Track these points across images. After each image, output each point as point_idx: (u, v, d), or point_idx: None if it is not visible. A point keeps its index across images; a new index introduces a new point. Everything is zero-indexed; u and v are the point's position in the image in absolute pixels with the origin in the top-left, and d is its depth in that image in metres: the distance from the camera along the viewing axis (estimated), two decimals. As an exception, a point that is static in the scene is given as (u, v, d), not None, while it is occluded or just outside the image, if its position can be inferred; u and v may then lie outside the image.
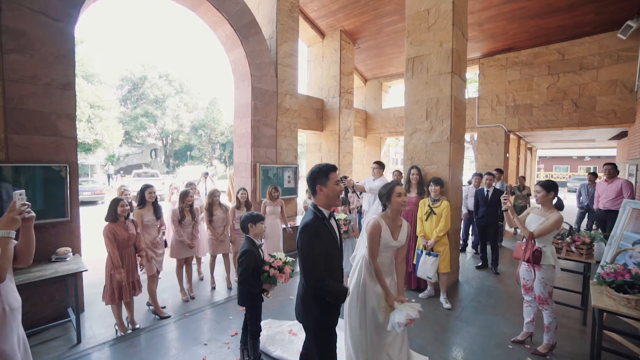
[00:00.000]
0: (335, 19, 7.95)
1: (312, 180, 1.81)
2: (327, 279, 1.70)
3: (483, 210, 5.21)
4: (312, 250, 1.68)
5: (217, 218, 4.25)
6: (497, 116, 8.07)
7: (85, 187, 13.57)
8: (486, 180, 5.23)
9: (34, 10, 3.23)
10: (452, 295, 4.07)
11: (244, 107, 5.79)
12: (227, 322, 3.38)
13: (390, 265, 2.33)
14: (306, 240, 1.70)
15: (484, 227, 5.27)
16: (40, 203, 3.30)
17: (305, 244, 1.69)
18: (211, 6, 4.97)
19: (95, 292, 3.88)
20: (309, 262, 1.69)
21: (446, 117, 4.22)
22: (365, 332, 2.20)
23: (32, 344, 3.01)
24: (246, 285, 2.37)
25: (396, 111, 10.25)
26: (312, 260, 1.68)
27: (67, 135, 3.45)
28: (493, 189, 5.21)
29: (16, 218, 1.51)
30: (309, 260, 1.68)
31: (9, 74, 3.11)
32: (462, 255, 5.88)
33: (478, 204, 5.33)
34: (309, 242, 1.69)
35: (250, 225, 2.55)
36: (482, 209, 5.24)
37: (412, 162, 4.52)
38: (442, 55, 4.21)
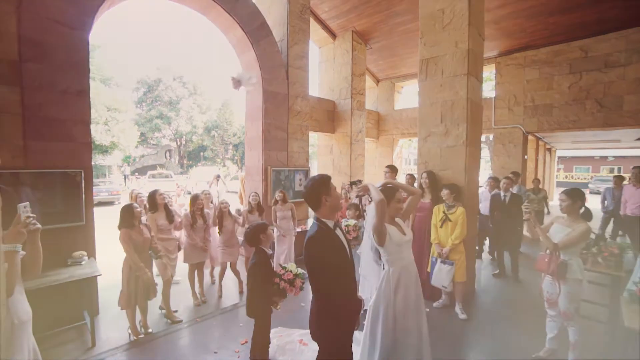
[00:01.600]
0: (346, 19, 7.87)
1: (316, 194, 1.74)
2: (340, 292, 1.63)
3: (500, 216, 5.02)
4: (320, 263, 1.62)
5: (227, 230, 4.25)
6: (515, 117, 7.81)
7: (102, 188, 13.92)
8: (503, 184, 5.04)
9: (50, 19, 3.30)
10: (468, 305, 3.93)
11: (255, 110, 5.78)
12: (237, 329, 3.36)
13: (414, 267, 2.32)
14: (313, 254, 1.64)
15: (501, 233, 5.08)
16: (57, 208, 3.37)
17: (313, 258, 1.63)
18: (222, 10, 4.98)
19: (110, 295, 3.93)
20: (318, 276, 1.62)
21: (462, 120, 4.08)
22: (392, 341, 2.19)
23: (49, 346, 3.08)
24: (256, 298, 2.33)
25: (409, 112, 10.07)
26: (321, 274, 1.62)
27: (82, 141, 3.50)
28: (510, 193, 5.02)
29: (22, 231, 1.51)
30: (318, 274, 1.62)
31: (27, 82, 3.18)
32: (478, 262, 5.69)
33: (495, 209, 5.14)
34: (316, 256, 1.63)
35: (262, 236, 2.51)
36: (498, 214, 5.05)
37: (426, 167, 4.40)
38: (457, 56, 4.07)
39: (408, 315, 2.23)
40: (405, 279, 2.28)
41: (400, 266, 2.28)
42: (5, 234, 1.50)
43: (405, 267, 2.29)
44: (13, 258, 1.49)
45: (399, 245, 2.25)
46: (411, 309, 2.24)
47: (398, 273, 2.27)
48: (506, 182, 5.01)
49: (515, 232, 5.05)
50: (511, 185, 5.08)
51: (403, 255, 2.29)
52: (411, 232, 2.38)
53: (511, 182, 5.06)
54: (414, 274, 2.31)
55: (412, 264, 2.35)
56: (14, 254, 1.49)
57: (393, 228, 2.28)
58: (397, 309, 2.23)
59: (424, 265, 3.98)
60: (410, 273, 2.29)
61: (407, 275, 2.29)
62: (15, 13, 3.12)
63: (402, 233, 2.30)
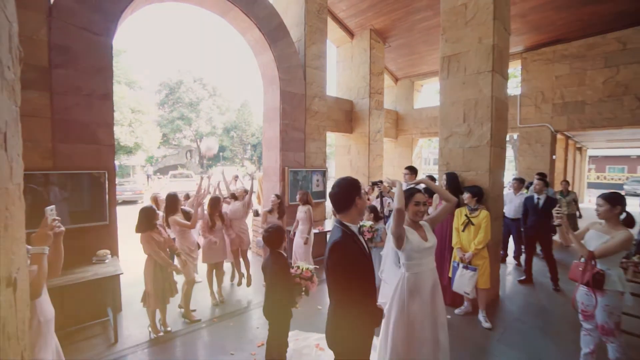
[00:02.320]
0: (364, 17, 7.74)
1: (349, 196, 1.67)
2: (362, 301, 1.57)
3: (533, 220, 4.73)
4: (346, 270, 1.55)
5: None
6: (542, 115, 7.42)
7: (126, 187, 14.47)
8: (535, 186, 4.76)
9: (77, 26, 3.42)
10: (492, 312, 3.75)
11: (272, 111, 5.79)
12: (253, 331, 3.36)
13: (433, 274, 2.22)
14: (338, 259, 1.56)
15: (533, 238, 4.79)
16: (83, 207, 3.49)
17: (338, 264, 1.56)
18: (240, 12, 5.01)
19: (132, 292, 4.06)
20: (343, 284, 1.55)
21: (486, 119, 3.90)
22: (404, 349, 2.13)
23: (77, 340, 3.20)
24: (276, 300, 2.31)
25: (429, 111, 9.81)
26: (345, 281, 1.55)
27: (106, 143, 3.61)
28: (545, 196, 4.73)
29: (49, 234, 1.56)
30: (341, 280, 1.55)
31: (56, 87, 3.31)
32: (502, 268, 5.44)
33: (527, 212, 4.87)
34: (341, 262, 1.55)
35: (280, 239, 2.48)
36: (531, 217, 4.77)
37: (447, 168, 4.24)
38: (481, 53, 3.89)
39: (424, 324, 2.15)
40: (422, 286, 2.21)
41: (417, 272, 2.23)
42: (33, 236, 1.54)
43: (422, 274, 2.22)
44: (41, 260, 1.52)
45: (417, 251, 2.18)
46: (428, 318, 2.17)
47: (414, 279, 2.22)
48: (538, 184, 4.74)
49: (549, 237, 4.77)
50: (544, 187, 4.78)
51: (422, 262, 2.21)
52: (435, 238, 2.28)
53: (544, 184, 4.77)
54: (432, 282, 2.22)
55: (432, 271, 2.25)
56: (41, 256, 1.52)
57: (414, 233, 2.22)
58: (410, 317, 2.17)
59: (445, 270, 3.83)
60: (427, 280, 2.21)
61: (424, 282, 2.21)
62: (47, 22, 3.26)
63: (423, 239, 2.21)
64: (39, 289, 1.51)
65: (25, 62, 3.14)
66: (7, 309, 0.93)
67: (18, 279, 1.07)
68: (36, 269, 1.49)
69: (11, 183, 1.06)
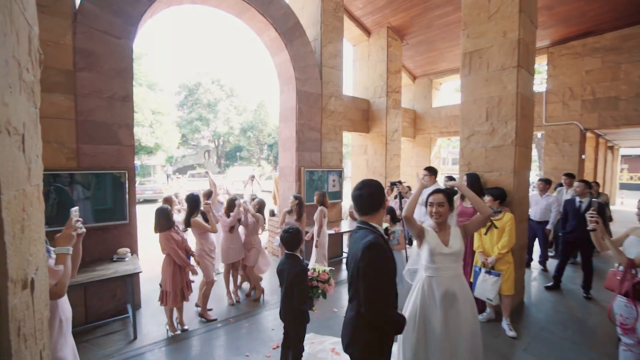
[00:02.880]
0: (381, 15, 7.61)
1: (379, 195, 1.65)
2: (390, 305, 1.52)
3: (573, 224, 4.40)
4: (381, 274, 1.48)
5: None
6: (571, 112, 7.05)
7: (147, 186, 14.92)
8: (576, 189, 4.45)
9: (100, 30, 3.51)
10: (517, 320, 3.57)
11: (288, 111, 5.78)
12: (269, 333, 3.34)
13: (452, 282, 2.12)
14: (374, 262, 1.48)
15: (572, 244, 4.49)
16: (104, 206, 3.58)
17: (373, 267, 1.47)
18: (256, 12, 5.02)
19: (152, 290, 4.14)
20: (377, 288, 1.47)
21: (510, 117, 3.71)
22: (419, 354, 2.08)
23: (97, 335, 3.29)
24: (294, 303, 2.27)
25: (448, 110, 9.54)
26: (380, 286, 1.47)
27: (126, 144, 3.69)
28: (590, 199, 4.42)
29: (73, 234, 1.58)
30: (377, 285, 1.47)
31: (80, 90, 3.41)
32: (527, 272, 5.19)
33: (566, 216, 4.56)
34: (377, 265, 1.48)
35: (299, 242, 2.43)
36: (572, 222, 4.45)
37: (469, 168, 4.08)
38: (505, 47, 3.71)
39: (437, 332, 2.06)
40: (435, 292, 2.13)
41: (431, 276, 2.17)
42: (58, 237, 1.58)
43: (438, 279, 2.14)
44: (66, 260, 1.56)
45: (434, 254, 2.14)
46: (441, 326, 2.06)
47: (429, 282, 2.17)
48: (579, 186, 4.41)
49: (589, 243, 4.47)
50: (586, 190, 4.43)
51: (439, 267, 2.15)
52: (461, 246, 2.16)
53: (587, 187, 4.44)
54: (449, 289, 2.11)
55: (452, 279, 2.13)
56: (66, 256, 1.56)
57: (434, 236, 2.16)
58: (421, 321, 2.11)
59: (466, 275, 3.67)
60: (442, 286, 2.11)
61: (439, 288, 2.12)
62: (72, 27, 3.36)
63: (444, 243, 2.12)
64: (64, 289, 1.53)
65: (52, 67, 3.27)
66: (22, 311, 0.93)
67: (36, 279, 1.08)
68: (62, 268, 1.51)
69: (29, 184, 1.06)
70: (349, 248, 1.71)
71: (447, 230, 2.20)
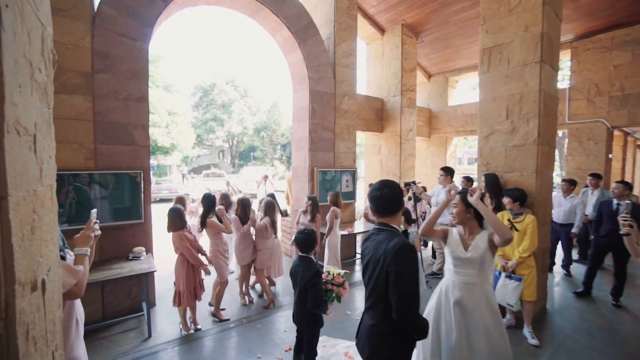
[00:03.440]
0: (395, 12, 7.47)
1: (399, 195, 1.59)
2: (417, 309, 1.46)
3: (609, 228, 4.13)
4: (414, 276, 1.42)
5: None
6: (596, 109, 6.71)
7: (163, 186, 15.25)
8: (614, 190, 4.17)
9: (117, 32, 3.57)
10: (539, 328, 3.40)
11: (301, 110, 5.74)
12: (281, 334, 3.31)
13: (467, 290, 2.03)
14: (408, 265, 1.41)
15: (605, 249, 4.25)
16: (121, 206, 3.64)
17: (407, 271, 1.41)
18: (270, 12, 5.01)
19: (166, 288, 4.19)
20: (412, 293, 1.41)
21: (532, 115, 3.55)
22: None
23: (114, 333, 3.35)
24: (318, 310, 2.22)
25: (465, 108, 9.28)
26: (414, 290, 1.42)
27: (142, 144, 3.75)
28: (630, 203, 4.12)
29: (91, 235, 1.61)
30: (412, 290, 1.41)
31: (97, 91, 3.48)
32: (549, 277, 4.96)
33: (600, 219, 4.31)
34: (411, 268, 1.42)
35: (314, 244, 2.38)
36: (607, 226, 4.19)
37: (487, 169, 3.93)
38: (527, 42, 3.55)
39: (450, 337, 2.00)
40: (449, 296, 2.07)
41: (448, 278, 2.12)
42: (76, 238, 1.61)
43: (453, 283, 2.08)
44: (84, 261, 1.58)
45: (451, 256, 2.09)
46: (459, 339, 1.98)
47: (446, 284, 2.12)
48: (618, 188, 4.13)
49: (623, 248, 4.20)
50: (625, 191, 4.14)
51: (455, 270, 2.09)
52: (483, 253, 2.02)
53: (625, 188, 4.14)
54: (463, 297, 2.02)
55: (469, 286, 2.04)
56: (84, 257, 1.58)
57: (456, 237, 2.11)
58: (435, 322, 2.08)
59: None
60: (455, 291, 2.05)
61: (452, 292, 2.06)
62: (90, 30, 3.44)
63: (464, 247, 2.05)
64: (82, 289, 1.54)
65: (72, 69, 3.35)
66: (32, 313, 0.92)
67: (48, 280, 1.07)
68: (82, 269, 1.53)
69: (41, 185, 1.06)
70: (369, 251, 1.58)
71: (474, 235, 2.09)
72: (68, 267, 1.46)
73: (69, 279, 1.44)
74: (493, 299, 2.10)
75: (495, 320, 2.03)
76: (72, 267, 1.48)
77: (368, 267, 1.57)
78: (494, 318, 2.03)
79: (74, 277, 1.47)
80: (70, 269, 1.47)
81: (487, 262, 2.04)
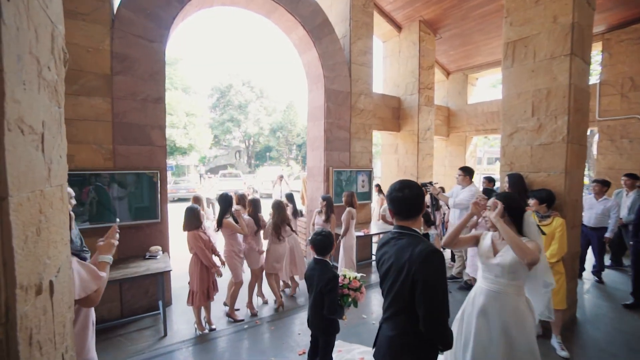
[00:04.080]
0: (413, 9, 7.28)
1: (422, 197, 1.50)
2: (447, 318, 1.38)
3: None
4: (444, 286, 1.34)
5: None
6: (631, 105, 6.29)
7: (181, 185, 15.61)
8: None
9: (135, 35, 3.63)
10: (569, 338, 3.19)
11: (317, 109, 5.68)
12: (295, 337, 3.26)
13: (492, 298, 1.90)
14: (438, 272, 1.33)
15: None
16: (138, 205, 3.70)
17: (437, 279, 1.33)
18: (285, 11, 4.98)
19: (182, 287, 4.22)
20: (440, 302, 1.32)
21: (561, 111, 3.34)
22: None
23: (131, 330, 3.40)
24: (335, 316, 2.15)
25: (485, 106, 8.95)
26: (444, 300, 1.33)
27: (158, 144, 3.79)
28: None
29: (114, 244, 1.67)
30: (441, 299, 1.32)
31: (116, 93, 3.54)
32: (578, 283, 4.67)
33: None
34: (441, 276, 1.34)
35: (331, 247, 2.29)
36: None
37: (511, 169, 3.74)
38: (556, 34, 3.34)
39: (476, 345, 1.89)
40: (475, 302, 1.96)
41: (478, 285, 2.00)
42: (101, 246, 1.65)
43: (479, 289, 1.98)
44: (106, 268, 1.61)
45: (481, 259, 2.00)
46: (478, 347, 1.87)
47: (475, 289, 2.02)
48: None
49: None
50: None
51: (484, 276, 1.98)
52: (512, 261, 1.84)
53: None
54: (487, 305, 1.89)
55: (495, 294, 1.90)
56: (107, 265, 1.62)
57: (488, 241, 1.99)
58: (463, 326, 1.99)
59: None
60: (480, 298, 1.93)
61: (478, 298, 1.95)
62: (110, 33, 3.50)
63: (493, 252, 1.94)
64: (99, 297, 1.53)
65: (92, 71, 3.41)
66: (37, 317, 0.89)
67: (57, 281, 1.05)
68: (105, 276, 1.55)
69: (49, 185, 1.04)
70: (389, 257, 1.46)
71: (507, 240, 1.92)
72: (94, 273, 1.47)
73: (92, 284, 1.43)
74: (527, 315, 1.88)
75: (524, 339, 1.84)
76: (98, 273, 1.49)
77: (389, 275, 1.45)
78: (523, 336, 1.83)
79: (97, 282, 1.47)
80: (95, 274, 1.47)
81: (520, 271, 1.86)
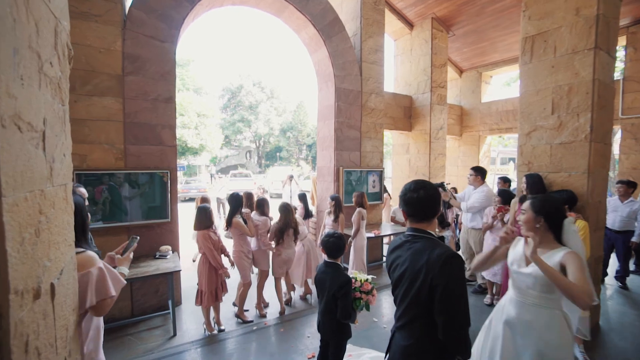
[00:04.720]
0: (425, 6, 7.12)
1: (438, 198, 1.40)
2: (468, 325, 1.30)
3: None
4: (465, 292, 1.26)
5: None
6: (657, 102, 5.99)
7: (192, 185, 15.82)
8: None
9: (146, 35, 3.64)
10: (592, 347, 3.02)
11: (327, 109, 5.62)
12: (304, 340, 3.20)
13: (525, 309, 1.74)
14: (459, 278, 1.26)
15: None
16: (148, 205, 3.71)
17: (458, 284, 1.26)
18: (294, 9, 4.93)
19: (192, 286, 4.22)
20: (462, 309, 1.25)
21: (584, 108, 3.17)
22: None
23: (141, 330, 3.40)
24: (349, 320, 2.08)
25: (500, 104, 8.70)
26: (465, 307, 1.26)
27: (169, 144, 3.79)
28: None
29: (131, 258, 1.79)
30: (462, 306, 1.25)
31: (127, 93, 3.56)
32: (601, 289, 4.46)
33: None
34: (461, 282, 1.27)
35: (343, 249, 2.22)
36: None
37: (529, 169, 3.58)
38: (579, 27, 3.18)
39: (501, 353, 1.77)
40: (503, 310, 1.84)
41: (508, 294, 1.87)
42: (120, 259, 1.73)
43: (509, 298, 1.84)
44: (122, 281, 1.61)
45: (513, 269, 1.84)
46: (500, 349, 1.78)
47: (505, 300, 1.89)
48: None
49: None
50: None
51: (515, 285, 1.81)
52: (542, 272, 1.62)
53: None
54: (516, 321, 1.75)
55: (523, 306, 1.74)
56: (123, 276, 1.65)
57: (520, 250, 1.84)
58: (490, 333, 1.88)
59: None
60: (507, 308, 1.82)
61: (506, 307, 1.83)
62: (121, 34, 3.53)
63: (525, 261, 1.78)
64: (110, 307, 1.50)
65: (104, 72, 3.44)
66: (35, 322, 0.85)
67: (59, 284, 1.02)
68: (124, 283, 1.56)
69: (50, 184, 1.00)
70: (403, 262, 1.39)
71: (545, 249, 1.73)
72: (116, 278, 1.45)
73: (111, 290, 1.40)
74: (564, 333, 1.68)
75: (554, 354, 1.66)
76: (121, 279, 1.49)
77: (402, 281, 1.37)
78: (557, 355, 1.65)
79: (118, 287, 1.44)
80: (118, 280, 1.45)
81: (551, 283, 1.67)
